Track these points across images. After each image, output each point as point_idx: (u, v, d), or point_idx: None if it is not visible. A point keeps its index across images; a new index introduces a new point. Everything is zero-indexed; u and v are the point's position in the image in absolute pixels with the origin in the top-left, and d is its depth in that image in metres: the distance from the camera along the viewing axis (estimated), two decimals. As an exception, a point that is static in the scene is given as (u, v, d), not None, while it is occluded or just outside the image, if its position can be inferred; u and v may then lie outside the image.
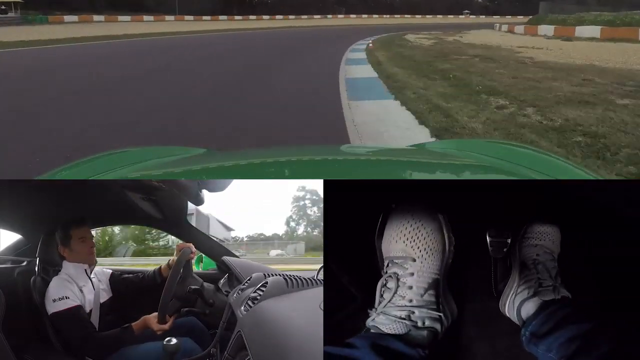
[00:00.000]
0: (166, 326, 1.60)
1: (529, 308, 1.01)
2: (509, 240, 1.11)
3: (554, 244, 1.11)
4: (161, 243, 3.59)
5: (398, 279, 0.94)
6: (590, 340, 0.83)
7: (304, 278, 1.43)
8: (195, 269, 2.35)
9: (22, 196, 1.69)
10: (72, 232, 1.75)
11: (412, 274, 0.94)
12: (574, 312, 0.95)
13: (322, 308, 0.98)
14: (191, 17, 61.34)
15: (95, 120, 6.24)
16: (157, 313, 1.61)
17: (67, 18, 50.03)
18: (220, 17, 64.96)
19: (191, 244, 1.78)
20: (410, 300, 0.92)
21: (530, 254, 1.09)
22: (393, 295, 0.93)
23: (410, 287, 0.93)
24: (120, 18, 54.55)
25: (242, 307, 1.36)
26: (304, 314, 1.09)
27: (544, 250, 1.09)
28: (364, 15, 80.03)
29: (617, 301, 1.04)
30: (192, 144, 2.09)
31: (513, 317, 1.04)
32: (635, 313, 0.95)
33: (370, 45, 19.01)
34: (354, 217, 1.07)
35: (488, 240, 1.11)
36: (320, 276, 1.39)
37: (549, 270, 1.06)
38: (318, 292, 1.12)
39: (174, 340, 1.45)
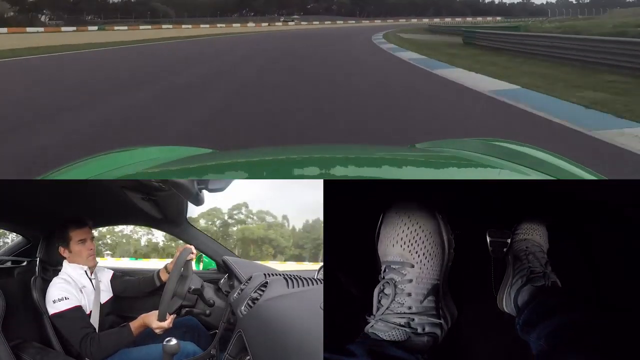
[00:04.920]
0: (166, 324, 1.59)
1: (523, 297, 1.01)
2: (508, 240, 1.11)
3: (542, 239, 1.13)
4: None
5: (395, 286, 0.92)
6: (578, 329, 0.83)
7: (304, 278, 1.43)
8: (195, 269, 2.35)
9: (22, 196, 1.69)
10: (72, 233, 1.74)
11: (411, 281, 0.92)
12: (564, 301, 0.96)
13: (322, 308, 0.98)
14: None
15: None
16: (156, 311, 1.61)
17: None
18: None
19: (191, 245, 1.78)
20: (410, 307, 0.91)
21: (521, 247, 1.11)
22: (391, 302, 0.91)
23: (409, 294, 0.91)
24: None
25: (243, 307, 1.36)
26: (304, 314, 1.08)
27: (532, 243, 1.12)
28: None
29: (609, 296, 1.05)
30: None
31: (511, 309, 1.04)
32: (625, 307, 0.95)
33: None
34: (354, 217, 1.07)
35: (488, 241, 1.11)
36: (320, 276, 1.39)
37: (539, 259, 1.07)
38: (318, 292, 1.12)
39: (173, 341, 1.45)
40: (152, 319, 1.61)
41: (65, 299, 1.62)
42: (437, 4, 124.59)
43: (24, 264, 1.93)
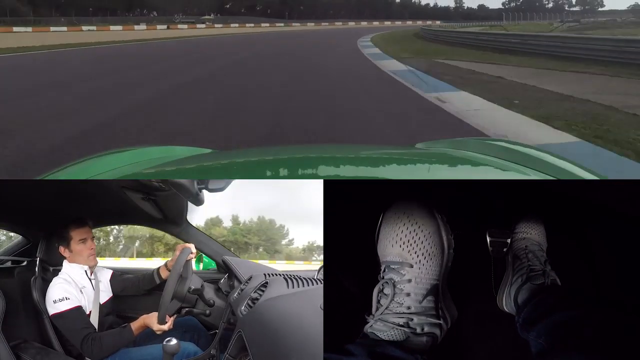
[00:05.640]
0: (166, 327, 1.60)
1: (523, 295, 1.01)
2: (508, 240, 1.11)
3: (541, 237, 1.14)
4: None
5: (395, 286, 0.92)
6: (578, 328, 0.83)
7: (304, 278, 1.43)
8: (195, 269, 2.35)
9: (22, 196, 1.69)
10: (73, 233, 1.75)
11: (410, 281, 0.92)
12: (563, 299, 0.96)
13: (322, 308, 0.98)
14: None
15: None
16: (156, 313, 1.61)
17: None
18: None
19: (191, 244, 1.78)
20: (409, 307, 0.90)
21: (520, 245, 1.12)
22: (390, 302, 0.91)
23: (408, 294, 0.91)
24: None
25: (243, 307, 1.37)
26: (304, 314, 1.09)
27: (531, 242, 1.12)
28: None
29: (609, 295, 1.05)
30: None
31: (511, 308, 1.04)
32: (625, 305, 0.95)
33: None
34: (354, 217, 1.07)
35: (488, 241, 1.11)
36: (320, 276, 1.39)
37: (539, 258, 1.08)
38: (318, 292, 1.12)
39: (173, 341, 1.45)
40: (152, 321, 1.61)
41: (66, 299, 1.62)
42: (373, 6, 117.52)
43: (24, 264, 1.93)
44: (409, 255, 0.94)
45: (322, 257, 2.36)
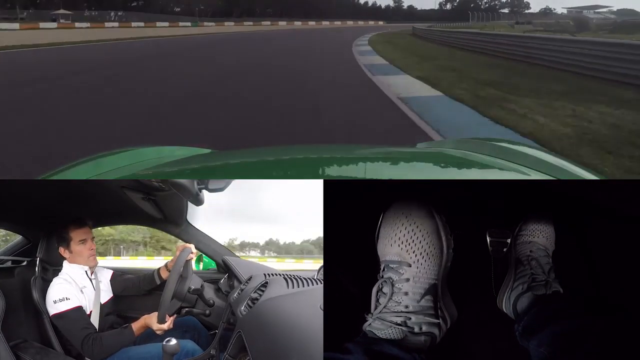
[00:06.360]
0: (165, 326, 1.60)
1: (523, 303, 1.01)
2: (508, 240, 1.11)
3: (548, 241, 1.12)
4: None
5: (393, 285, 0.92)
6: (579, 336, 0.83)
7: (304, 278, 1.43)
8: (195, 269, 2.35)
9: (22, 196, 1.69)
10: (72, 233, 1.74)
11: (408, 280, 0.92)
12: (564, 308, 0.95)
13: (322, 308, 0.98)
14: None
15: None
16: (157, 313, 1.61)
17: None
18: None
19: (191, 244, 1.78)
20: (407, 306, 0.90)
21: (525, 250, 1.10)
22: (388, 301, 0.91)
23: (406, 293, 0.91)
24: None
25: (242, 307, 1.37)
26: (304, 314, 1.09)
27: (537, 246, 1.10)
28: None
29: (609, 298, 1.05)
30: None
31: (509, 312, 1.04)
32: (626, 310, 0.95)
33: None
34: (354, 217, 1.07)
35: (488, 241, 1.11)
36: (320, 276, 1.39)
37: (542, 266, 1.06)
38: (318, 292, 1.12)
39: (173, 341, 1.45)
40: (153, 320, 1.62)
41: (66, 299, 1.62)
42: (307, 4, 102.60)
43: (24, 264, 1.93)
44: (407, 254, 0.94)
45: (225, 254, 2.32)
